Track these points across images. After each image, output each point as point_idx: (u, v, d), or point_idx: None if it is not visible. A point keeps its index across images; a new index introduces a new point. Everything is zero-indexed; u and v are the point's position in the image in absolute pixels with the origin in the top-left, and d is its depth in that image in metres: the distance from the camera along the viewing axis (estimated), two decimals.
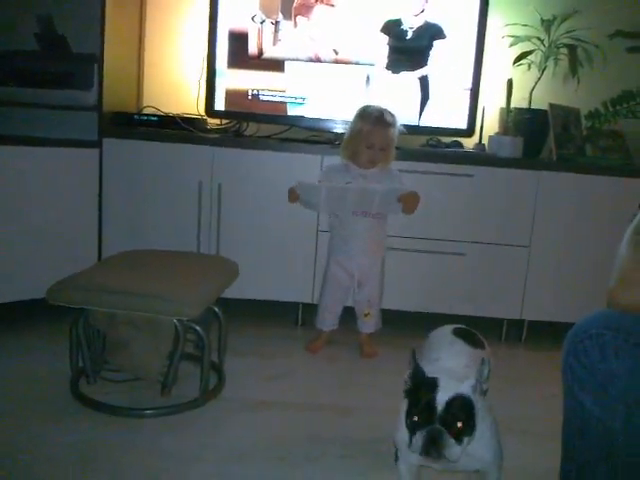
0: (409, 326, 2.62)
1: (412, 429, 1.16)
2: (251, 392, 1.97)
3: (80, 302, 1.72)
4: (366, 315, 2.34)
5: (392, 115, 2.19)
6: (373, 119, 2.16)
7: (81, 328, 1.77)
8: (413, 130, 2.61)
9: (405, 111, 2.59)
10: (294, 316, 2.64)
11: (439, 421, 1.14)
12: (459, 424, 1.14)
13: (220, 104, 2.64)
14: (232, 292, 2.09)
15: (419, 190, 2.25)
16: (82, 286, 1.72)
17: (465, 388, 1.19)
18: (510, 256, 2.51)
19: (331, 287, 2.32)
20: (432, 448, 1.13)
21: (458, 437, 1.14)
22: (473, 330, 1.53)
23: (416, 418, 1.16)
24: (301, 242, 2.50)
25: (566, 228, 2.49)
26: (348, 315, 2.41)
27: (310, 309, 2.49)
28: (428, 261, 2.51)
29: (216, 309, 1.94)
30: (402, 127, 2.23)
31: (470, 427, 1.16)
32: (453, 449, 1.13)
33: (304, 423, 1.79)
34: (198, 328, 1.77)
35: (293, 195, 2.19)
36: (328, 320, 2.36)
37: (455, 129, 2.65)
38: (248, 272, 2.37)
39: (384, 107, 2.21)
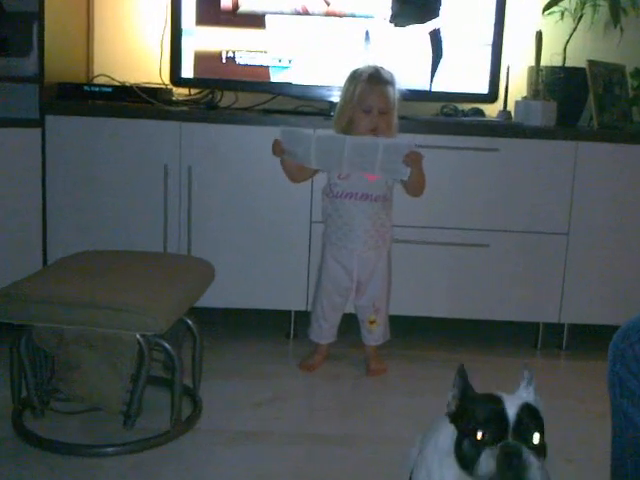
0: (422, 335, 2.67)
1: (472, 452, 1.14)
2: (233, 422, 1.96)
3: (22, 317, 1.72)
4: (371, 322, 2.34)
5: (389, 73, 2.20)
6: (366, 77, 2.16)
7: (24, 349, 1.76)
8: (424, 96, 2.62)
9: (413, 74, 2.60)
10: (285, 328, 2.64)
11: (513, 435, 1.12)
12: (536, 437, 1.13)
13: (188, 70, 2.63)
14: (208, 300, 2.10)
15: (430, 170, 2.25)
16: (24, 297, 1.71)
17: (530, 398, 1.19)
18: (544, 247, 2.52)
19: (327, 289, 2.31)
20: (509, 470, 1.09)
21: (537, 455, 1.13)
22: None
23: (480, 435, 1.13)
24: (291, 236, 2.50)
25: (612, 211, 2.51)
26: (349, 324, 2.42)
27: (304, 318, 2.50)
28: (443, 255, 2.51)
29: (188, 321, 1.94)
30: (404, 89, 2.24)
31: (544, 445, 1.15)
32: (535, 471, 1.10)
33: (297, 458, 1.78)
34: (167, 345, 1.76)
35: (278, 147, 2.19)
36: (325, 331, 2.35)
37: (474, 94, 2.66)
38: (227, 275, 2.41)
39: (378, 65, 2.22)
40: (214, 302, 2.41)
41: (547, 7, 2.63)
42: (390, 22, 2.59)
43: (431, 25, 2.60)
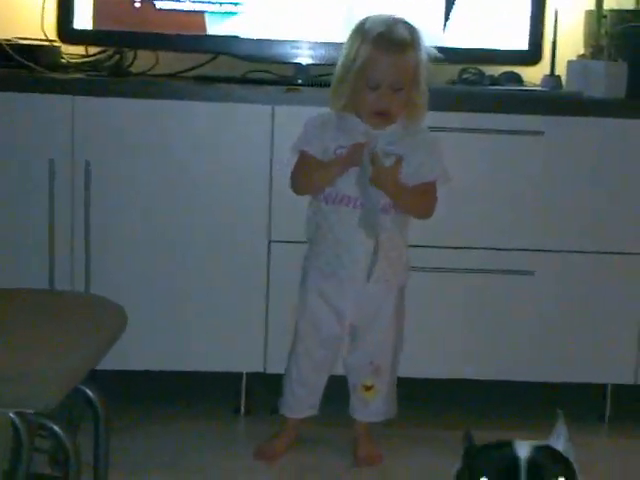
0: (435, 406, 2.67)
1: None
2: None
3: None
4: (368, 389, 2.32)
5: (410, 29, 2.18)
6: (375, 37, 2.13)
7: None
8: (435, 56, 2.54)
9: (419, 23, 2.47)
10: (233, 399, 2.62)
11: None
12: None
13: (84, 20, 2.61)
14: (117, 360, 2.04)
15: (447, 164, 2.26)
16: None
17: (553, 442, 1.38)
18: (613, 273, 2.53)
19: (306, 338, 2.31)
20: None
21: None
22: None
23: None
24: (240, 263, 2.48)
25: None
26: (333, 388, 2.39)
27: (261, 384, 2.51)
28: (467, 288, 2.53)
29: (88, 392, 1.88)
30: (433, 50, 2.24)
31: None
32: None
33: None
34: (57, 428, 1.67)
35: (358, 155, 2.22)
36: (300, 400, 2.34)
37: (508, 52, 2.69)
38: (144, 323, 2.37)
39: (398, 17, 2.21)
40: (126, 363, 2.41)
41: None
42: None
43: None
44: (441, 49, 2.55)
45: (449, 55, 2.58)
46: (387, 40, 2.14)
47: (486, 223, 2.48)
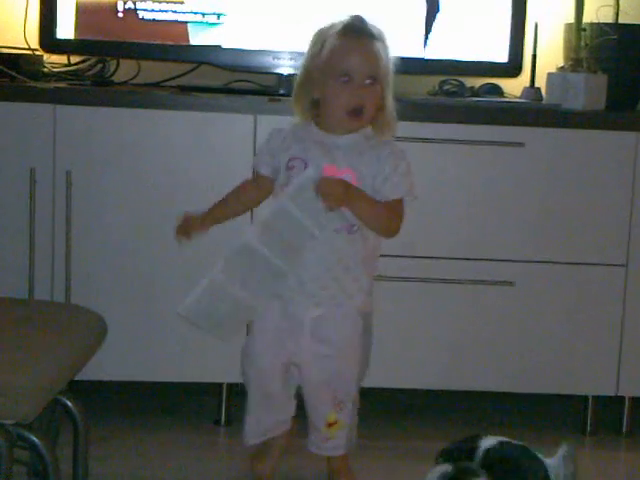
0: (418, 418, 2.62)
1: None
2: None
3: None
4: (331, 425, 2.18)
5: (376, 27, 2.05)
6: (342, 28, 2.01)
7: None
8: (415, 67, 2.62)
9: (400, 35, 2.53)
10: (213, 409, 2.59)
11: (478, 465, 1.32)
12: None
13: (67, 29, 2.60)
14: (96, 371, 2.06)
15: (426, 174, 2.27)
16: None
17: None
18: (592, 284, 2.52)
19: (252, 367, 2.15)
20: None
21: None
22: None
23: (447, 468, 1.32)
24: None
25: None
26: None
27: (242, 394, 2.41)
28: (448, 299, 2.51)
29: (67, 402, 1.87)
30: (396, 58, 2.08)
31: None
32: None
33: None
34: (35, 439, 1.68)
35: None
36: (264, 418, 2.18)
37: (489, 64, 2.69)
38: (124, 333, 2.37)
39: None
40: (105, 373, 2.39)
41: None
42: None
43: None
44: (422, 61, 2.63)
45: (430, 66, 2.69)
46: (357, 28, 2.01)
47: (467, 233, 2.48)
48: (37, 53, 2.62)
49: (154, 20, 2.59)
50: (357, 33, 2.00)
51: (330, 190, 1.94)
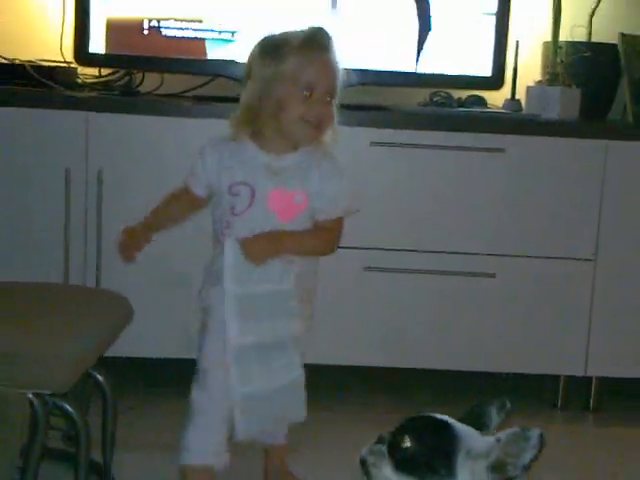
0: (405, 394, 2.64)
1: None
2: None
3: None
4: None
5: (334, 40, 1.84)
6: (300, 43, 1.80)
7: None
8: (408, 81, 2.64)
9: (395, 51, 2.60)
10: None
11: (387, 440, 1.36)
12: (406, 443, 1.30)
13: (98, 44, 2.61)
14: (123, 347, 2.04)
15: (416, 176, 2.33)
16: None
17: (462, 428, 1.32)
18: (565, 277, 2.54)
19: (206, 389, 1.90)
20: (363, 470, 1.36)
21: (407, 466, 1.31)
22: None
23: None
24: None
25: None
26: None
27: None
28: (433, 288, 2.53)
29: (97, 376, 1.90)
30: (348, 70, 1.86)
31: (435, 467, 1.29)
32: (385, 475, 1.32)
33: None
34: (69, 408, 1.71)
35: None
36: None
37: (474, 77, 2.69)
38: (149, 315, 2.34)
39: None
40: (131, 350, 2.38)
41: None
42: None
43: None
44: (415, 75, 2.67)
45: (422, 80, 2.66)
46: (317, 41, 1.80)
47: (453, 229, 2.49)
48: (72, 66, 2.63)
49: (175, 37, 2.59)
50: (318, 45, 1.80)
51: (255, 249, 1.77)
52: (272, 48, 1.82)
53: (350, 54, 2.47)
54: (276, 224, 1.81)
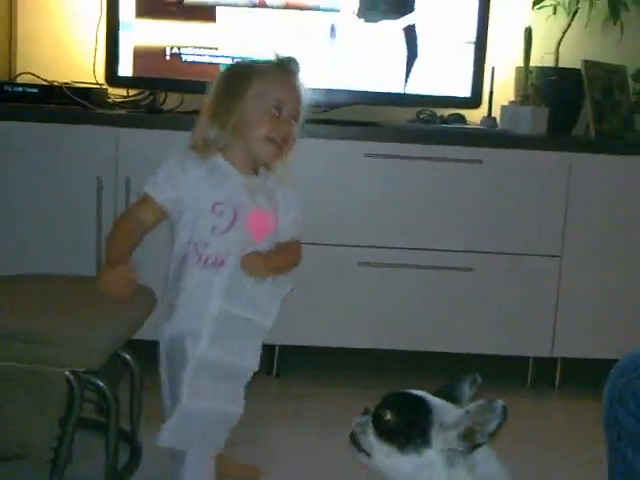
0: (388, 373, 2.68)
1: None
2: None
3: None
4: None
5: (300, 66, 1.77)
6: (273, 64, 1.74)
7: None
8: (397, 100, 2.72)
9: (386, 75, 2.67)
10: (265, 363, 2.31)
11: (372, 413, 1.36)
12: (387, 416, 1.32)
13: (126, 68, 2.68)
14: (149, 331, 1.99)
15: (404, 183, 2.39)
16: None
17: (435, 401, 1.33)
18: (534, 271, 2.61)
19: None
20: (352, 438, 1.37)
21: (391, 438, 1.32)
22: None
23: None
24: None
25: (611, 231, 2.60)
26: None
27: (293, 350, 2.53)
28: (418, 280, 2.58)
29: (126, 356, 1.96)
30: (310, 93, 1.78)
31: (412, 437, 1.31)
32: (370, 441, 1.34)
33: None
34: (101, 384, 1.77)
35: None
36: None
37: (455, 98, 2.74)
38: None
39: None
40: (155, 334, 2.07)
41: (538, 1, 2.74)
42: (359, 17, 2.64)
43: (405, 20, 2.66)
44: (403, 95, 2.69)
45: (409, 100, 2.72)
46: (286, 65, 1.73)
47: (437, 230, 2.56)
48: (103, 87, 2.69)
49: (194, 62, 2.66)
50: (286, 68, 1.73)
51: (253, 263, 1.68)
52: (242, 70, 1.78)
53: (347, 77, 2.59)
54: (251, 244, 1.71)
